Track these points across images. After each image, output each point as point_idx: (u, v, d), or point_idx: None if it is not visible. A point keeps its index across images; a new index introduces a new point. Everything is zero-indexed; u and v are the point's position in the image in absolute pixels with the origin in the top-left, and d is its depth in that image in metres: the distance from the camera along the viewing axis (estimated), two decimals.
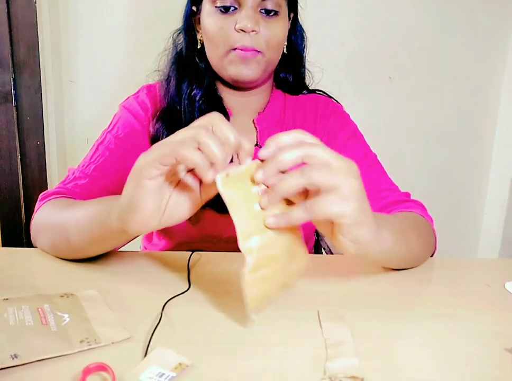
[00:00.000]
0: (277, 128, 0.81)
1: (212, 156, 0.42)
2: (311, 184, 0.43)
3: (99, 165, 0.74)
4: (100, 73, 1.40)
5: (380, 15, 1.43)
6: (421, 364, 0.43)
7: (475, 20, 1.45)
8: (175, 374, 0.39)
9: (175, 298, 0.53)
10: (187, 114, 0.76)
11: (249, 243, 0.44)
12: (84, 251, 0.60)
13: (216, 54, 0.74)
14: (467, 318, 0.52)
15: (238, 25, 0.70)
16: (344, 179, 0.42)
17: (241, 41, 0.70)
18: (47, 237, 0.64)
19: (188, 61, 0.78)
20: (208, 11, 0.73)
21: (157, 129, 0.76)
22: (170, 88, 0.78)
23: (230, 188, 0.43)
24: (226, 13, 0.71)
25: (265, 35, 0.71)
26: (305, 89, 0.86)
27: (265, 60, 0.73)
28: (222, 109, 0.78)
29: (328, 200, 0.42)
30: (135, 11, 1.37)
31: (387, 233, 0.51)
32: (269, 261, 0.46)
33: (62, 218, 0.62)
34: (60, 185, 0.73)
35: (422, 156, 1.55)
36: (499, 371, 0.43)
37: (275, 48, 0.74)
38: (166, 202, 0.48)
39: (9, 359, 0.40)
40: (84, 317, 0.48)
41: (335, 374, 0.40)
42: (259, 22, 0.71)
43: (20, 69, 1.35)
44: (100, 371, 0.39)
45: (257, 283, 0.45)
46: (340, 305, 0.53)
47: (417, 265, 0.65)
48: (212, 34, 0.73)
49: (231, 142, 0.44)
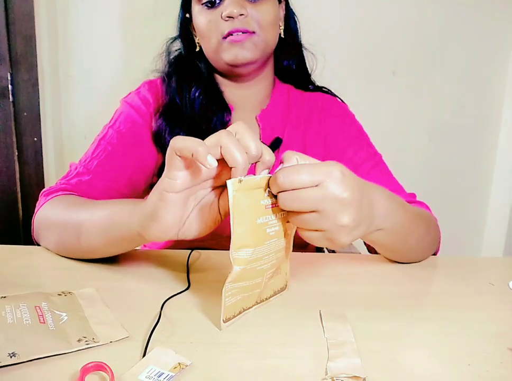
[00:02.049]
0: (281, 125, 0.81)
1: (232, 161, 0.42)
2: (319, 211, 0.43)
3: (102, 160, 0.74)
4: (98, 68, 1.39)
5: (383, 10, 1.42)
6: (424, 364, 0.43)
7: (479, 15, 1.45)
8: (174, 374, 0.39)
9: (174, 297, 0.52)
10: (188, 109, 0.76)
11: (241, 253, 0.43)
12: (96, 252, 0.59)
13: (210, 47, 0.75)
14: (471, 317, 0.52)
15: (224, 12, 0.70)
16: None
17: (231, 26, 0.71)
18: (54, 235, 0.63)
19: (187, 63, 0.79)
20: (198, 11, 0.75)
21: (159, 125, 0.76)
22: (171, 85, 0.78)
23: (240, 194, 0.42)
24: (213, 7, 0.73)
25: (255, 17, 0.72)
26: (311, 84, 0.86)
27: (261, 39, 0.73)
28: (223, 104, 0.78)
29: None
30: (134, 5, 1.36)
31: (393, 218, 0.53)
32: (254, 275, 0.46)
33: (75, 217, 0.60)
34: (63, 181, 0.72)
35: (425, 152, 1.55)
36: (502, 370, 0.42)
37: (269, 27, 0.74)
38: (187, 217, 0.48)
39: (7, 357, 0.39)
40: (82, 316, 0.47)
41: (336, 374, 0.40)
42: (245, 6, 0.71)
43: (18, 63, 1.34)
44: (99, 370, 0.39)
45: (235, 293, 0.45)
46: (342, 304, 0.53)
47: (421, 259, 0.65)
48: (203, 29, 0.74)
49: (252, 152, 0.43)
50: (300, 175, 0.42)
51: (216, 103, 0.77)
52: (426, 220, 0.65)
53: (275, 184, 0.43)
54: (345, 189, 0.43)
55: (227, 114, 0.78)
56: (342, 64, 1.41)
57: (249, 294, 0.47)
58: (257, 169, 0.45)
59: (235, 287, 0.45)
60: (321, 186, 0.42)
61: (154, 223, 0.47)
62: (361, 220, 0.45)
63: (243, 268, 0.44)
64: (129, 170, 0.76)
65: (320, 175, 0.42)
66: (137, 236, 0.51)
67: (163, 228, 0.47)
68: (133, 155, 0.76)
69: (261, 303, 0.51)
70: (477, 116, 1.54)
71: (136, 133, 0.77)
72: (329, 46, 1.25)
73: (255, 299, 0.49)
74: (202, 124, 0.76)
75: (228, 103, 0.79)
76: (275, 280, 0.51)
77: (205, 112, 0.77)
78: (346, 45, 1.43)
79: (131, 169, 0.76)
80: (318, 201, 0.42)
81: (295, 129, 0.81)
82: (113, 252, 0.60)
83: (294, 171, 0.42)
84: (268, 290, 0.51)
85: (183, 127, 0.76)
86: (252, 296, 0.48)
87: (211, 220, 0.49)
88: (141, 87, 0.82)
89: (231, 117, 0.79)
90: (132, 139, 0.76)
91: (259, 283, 0.47)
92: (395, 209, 0.54)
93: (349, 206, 0.43)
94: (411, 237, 0.60)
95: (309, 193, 0.42)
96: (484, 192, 1.61)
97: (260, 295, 0.50)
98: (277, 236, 0.46)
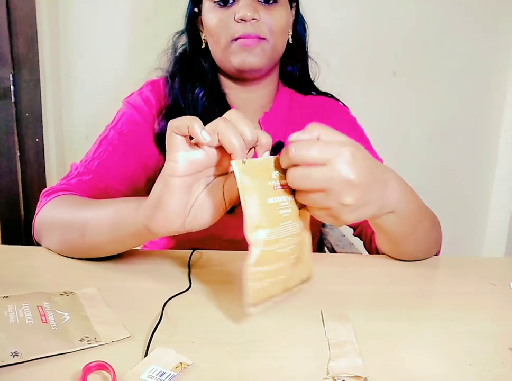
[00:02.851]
0: (283, 128, 0.80)
1: (230, 145, 0.43)
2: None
3: (103, 160, 0.74)
4: (99, 68, 1.39)
5: (384, 10, 1.42)
6: (425, 363, 0.43)
7: (480, 15, 1.44)
8: (176, 373, 0.39)
9: (176, 297, 0.52)
10: (191, 110, 0.76)
11: (257, 234, 0.43)
12: (101, 250, 0.59)
13: (218, 48, 0.73)
14: (472, 316, 0.52)
15: (237, 15, 0.69)
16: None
17: (242, 30, 0.70)
18: (57, 235, 0.63)
19: (192, 61, 0.78)
20: (208, 7, 0.73)
21: (162, 127, 0.76)
22: (174, 86, 0.78)
23: (247, 175, 0.42)
24: (225, 6, 0.71)
25: (267, 22, 0.71)
26: (314, 90, 0.85)
27: (270, 46, 0.72)
28: (225, 106, 0.77)
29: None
30: (136, 5, 1.36)
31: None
32: (275, 258, 0.45)
33: (78, 216, 0.60)
34: (63, 181, 0.72)
35: (426, 152, 1.54)
36: (503, 370, 0.42)
37: (279, 34, 0.73)
38: (192, 204, 0.48)
39: (9, 356, 0.39)
40: (84, 316, 0.47)
41: (338, 374, 0.40)
42: (258, 10, 0.70)
43: (19, 64, 1.34)
44: (101, 369, 0.39)
45: (260, 277, 0.44)
46: (343, 304, 0.53)
47: (424, 257, 0.66)
48: (212, 28, 0.72)
49: (247, 137, 0.44)
50: (310, 151, 0.43)
51: (219, 105, 0.77)
52: (432, 216, 0.65)
53: (286, 157, 0.44)
54: (352, 171, 0.43)
55: None
56: (342, 65, 1.40)
57: (274, 280, 0.46)
58: (257, 153, 0.46)
59: (259, 271, 0.44)
60: (330, 166, 0.43)
61: (159, 210, 0.47)
62: (369, 200, 0.46)
63: (262, 249, 0.43)
64: (130, 171, 0.75)
65: (330, 154, 0.43)
66: (144, 230, 0.51)
67: (168, 216, 0.47)
68: (134, 156, 0.76)
69: (288, 291, 0.49)
70: (478, 116, 1.53)
71: (137, 134, 0.77)
72: (330, 46, 1.25)
73: (281, 287, 0.48)
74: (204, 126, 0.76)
75: (231, 106, 0.78)
76: (299, 269, 0.50)
77: (208, 114, 0.76)
78: (347, 45, 1.43)
79: (132, 169, 0.76)
80: (325, 181, 0.43)
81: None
82: (119, 249, 0.60)
83: (306, 146, 0.43)
84: (294, 279, 0.50)
85: None
86: (277, 282, 0.47)
87: (216, 208, 0.49)
88: (143, 87, 0.82)
89: None
90: (134, 140, 0.76)
91: (282, 269, 0.46)
92: (408, 194, 0.54)
93: (355, 187, 0.44)
94: (420, 228, 0.60)
95: (316, 173, 0.43)
96: (485, 192, 1.60)
97: (286, 283, 0.49)
98: (292, 218, 0.46)
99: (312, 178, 0.43)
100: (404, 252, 0.64)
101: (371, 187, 0.46)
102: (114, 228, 0.55)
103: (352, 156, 0.44)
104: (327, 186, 0.43)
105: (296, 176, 0.43)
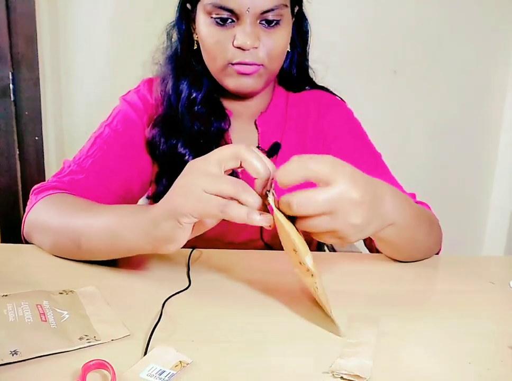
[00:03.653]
0: (279, 128, 0.80)
1: (255, 173, 0.45)
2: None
3: (97, 159, 0.72)
4: (99, 67, 1.39)
5: (384, 8, 1.42)
6: (425, 362, 0.43)
7: (481, 13, 1.44)
8: (175, 372, 0.39)
9: (175, 295, 0.52)
10: (186, 117, 0.74)
11: (308, 259, 0.44)
12: (97, 257, 0.59)
13: (213, 67, 0.71)
14: (471, 315, 0.52)
15: (236, 41, 0.65)
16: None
17: (241, 57, 0.67)
18: (48, 239, 0.62)
19: (185, 63, 0.75)
20: (204, 20, 0.68)
21: (153, 135, 0.75)
22: (167, 91, 0.75)
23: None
24: (223, 26, 0.66)
25: (267, 47, 0.67)
26: (309, 85, 0.83)
27: (268, 71, 0.70)
28: (221, 112, 0.76)
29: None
30: (135, 5, 1.36)
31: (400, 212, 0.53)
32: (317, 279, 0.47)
33: (71, 222, 0.60)
34: (55, 178, 0.71)
35: (427, 151, 1.54)
36: (503, 369, 0.42)
37: (277, 58, 0.71)
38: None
39: (8, 355, 0.39)
40: (83, 314, 0.47)
41: (338, 370, 0.40)
42: (259, 36, 0.66)
43: (19, 62, 1.34)
44: (100, 368, 0.39)
45: (324, 290, 0.47)
46: (343, 304, 0.53)
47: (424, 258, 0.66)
48: (209, 47, 0.69)
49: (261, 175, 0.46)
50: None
51: (214, 112, 0.75)
52: (429, 218, 0.65)
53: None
54: (356, 190, 0.43)
55: (225, 122, 0.76)
56: (343, 64, 1.40)
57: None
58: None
59: (323, 285, 0.47)
60: (333, 187, 0.43)
61: (170, 245, 0.49)
62: (372, 218, 0.46)
63: (315, 272, 0.45)
64: (124, 171, 0.74)
65: (330, 175, 0.43)
66: (147, 250, 0.53)
67: (179, 246, 0.50)
68: (129, 155, 0.75)
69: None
70: (478, 116, 1.53)
71: (133, 133, 0.76)
72: (330, 46, 1.25)
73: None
74: (200, 133, 0.74)
75: (226, 110, 0.77)
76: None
77: (203, 120, 0.74)
78: (347, 44, 1.42)
79: (126, 170, 0.74)
80: (331, 202, 0.43)
81: (294, 131, 0.80)
82: (116, 257, 0.60)
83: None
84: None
85: (179, 137, 0.74)
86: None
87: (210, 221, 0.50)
88: (140, 85, 0.80)
89: (230, 124, 0.77)
90: (129, 139, 0.75)
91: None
92: (403, 204, 0.54)
93: (360, 206, 0.44)
94: (418, 233, 0.60)
95: (321, 196, 0.43)
96: (485, 192, 1.60)
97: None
98: None
99: (317, 201, 0.43)
100: (405, 256, 0.65)
101: (372, 204, 0.46)
102: (112, 243, 0.56)
103: (352, 176, 0.44)
104: (332, 208, 0.43)
105: (302, 202, 0.43)
